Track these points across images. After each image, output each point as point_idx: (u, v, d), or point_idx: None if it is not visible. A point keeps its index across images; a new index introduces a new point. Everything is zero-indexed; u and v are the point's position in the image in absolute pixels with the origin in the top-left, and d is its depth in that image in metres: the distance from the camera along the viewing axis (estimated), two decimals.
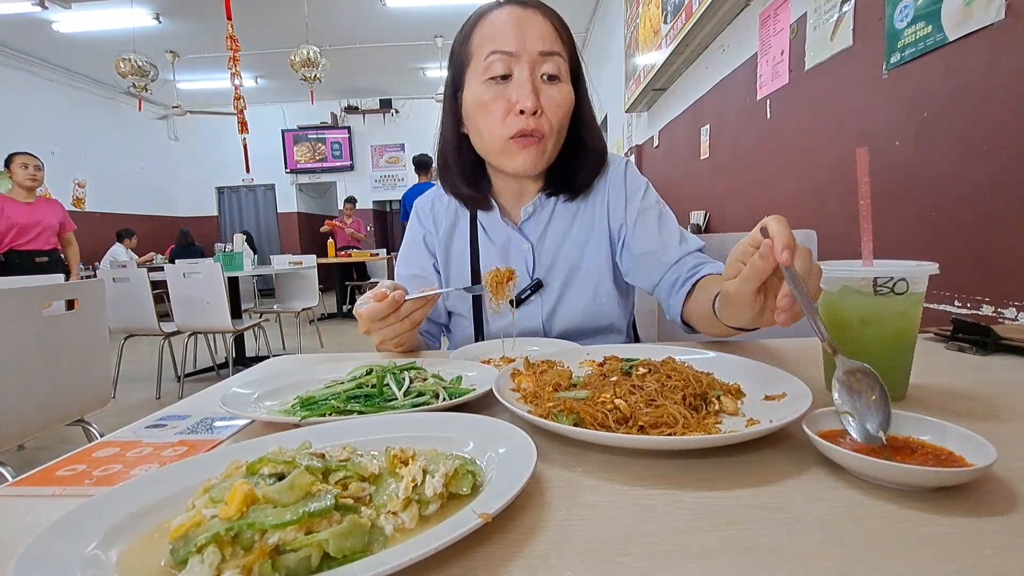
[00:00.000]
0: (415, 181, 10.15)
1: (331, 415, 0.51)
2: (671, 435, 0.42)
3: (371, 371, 0.60)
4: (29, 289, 1.42)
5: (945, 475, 0.34)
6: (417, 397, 0.54)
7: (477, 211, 0.96)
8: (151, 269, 3.67)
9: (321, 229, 7.08)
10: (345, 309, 6.81)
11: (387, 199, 10.02)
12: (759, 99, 2.34)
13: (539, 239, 0.94)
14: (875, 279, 0.50)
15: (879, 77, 1.53)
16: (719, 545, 0.31)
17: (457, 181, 0.92)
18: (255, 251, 6.09)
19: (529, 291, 0.92)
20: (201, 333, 3.69)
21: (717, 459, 0.42)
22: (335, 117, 9.43)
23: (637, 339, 1.07)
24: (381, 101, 9.26)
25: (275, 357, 0.90)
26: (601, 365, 0.59)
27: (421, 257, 0.99)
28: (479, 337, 0.96)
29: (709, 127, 3.04)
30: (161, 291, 3.54)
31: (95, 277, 3.22)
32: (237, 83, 4.17)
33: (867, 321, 0.51)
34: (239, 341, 4.09)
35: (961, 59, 1.25)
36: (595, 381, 0.52)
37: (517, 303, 0.92)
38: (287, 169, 9.47)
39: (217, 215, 9.78)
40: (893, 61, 1.47)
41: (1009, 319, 1.14)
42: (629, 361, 0.57)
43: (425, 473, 0.33)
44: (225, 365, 3.82)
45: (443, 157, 0.93)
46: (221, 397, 0.54)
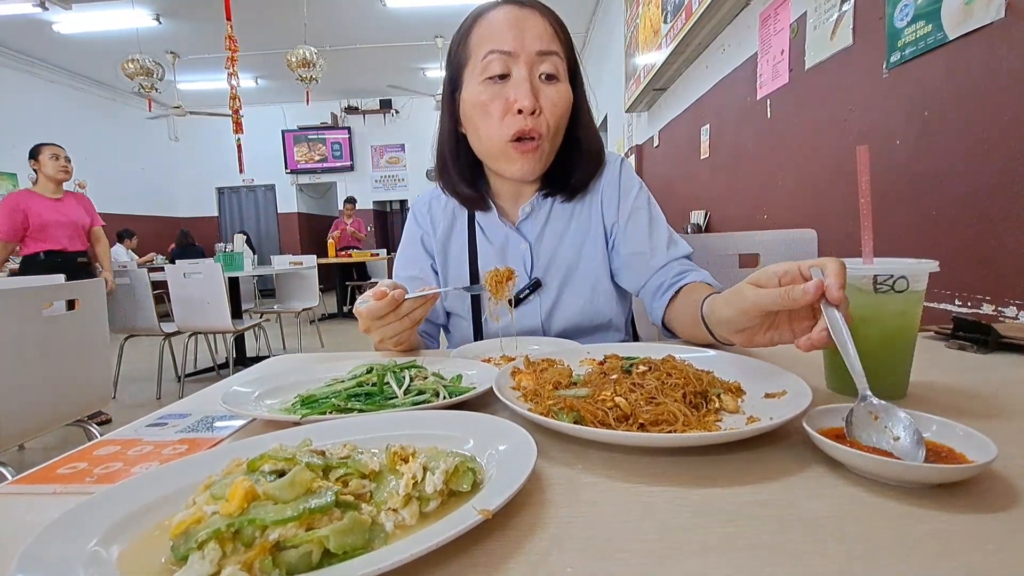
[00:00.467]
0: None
1: (332, 413, 0.51)
2: (671, 432, 0.42)
3: (371, 370, 0.60)
4: (29, 289, 1.43)
5: (946, 472, 0.34)
6: (417, 395, 0.54)
7: (475, 211, 0.96)
8: (151, 269, 3.67)
9: (330, 236, 6.96)
10: (345, 309, 6.80)
11: (387, 199, 10.03)
12: (759, 99, 2.34)
13: (537, 238, 0.94)
14: (875, 277, 0.50)
15: (879, 76, 1.53)
16: (719, 542, 0.31)
17: (456, 181, 0.92)
18: (253, 251, 6.08)
19: (528, 290, 0.92)
20: (201, 333, 3.69)
21: (718, 456, 0.42)
22: (335, 117, 9.43)
23: (636, 338, 1.07)
24: (381, 101, 9.26)
25: (275, 356, 0.89)
26: (601, 363, 0.59)
27: (419, 258, 0.99)
28: (478, 337, 0.96)
29: (709, 127, 3.04)
30: (161, 291, 3.54)
31: (96, 277, 3.19)
32: (234, 83, 4.16)
33: (867, 319, 0.51)
34: (239, 341, 4.10)
35: (961, 58, 1.25)
36: (595, 379, 0.52)
37: (516, 302, 0.92)
38: (287, 169, 9.48)
39: (217, 215, 9.79)
40: (893, 60, 1.47)
41: (1010, 318, 1.14)
42: (629, 359, 0.57)
43: (425, 470, 0.33)
44: (225, 365, 3.83)
45: (441, 157, 0.93)
46: (222, 396, 0.54)
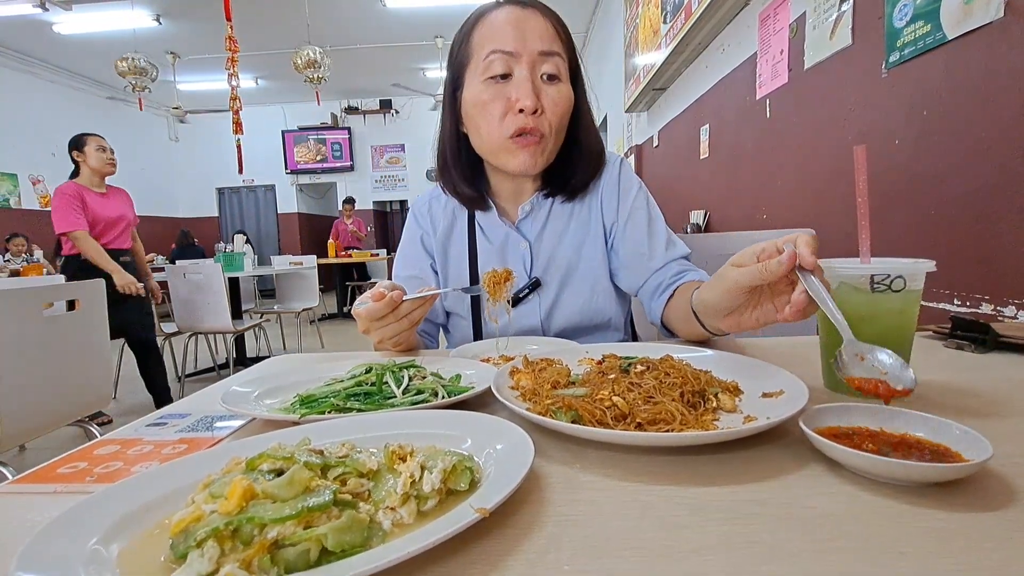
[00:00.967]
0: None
1: (330, 413, 0.51)
2: (669, 432, 0.42)
3: (370, 369, 0.60)
4: (30, 290, 1.43)
5: (941, 470, 0.34)
6: (416, 395, 0.54)
7: (475, 211, 0.96)
8: (152, 270, 3.67)
9: (331, 239, 6.93)
10: (345, 309, 6.80)
11: (387, 199, 10.03)
12: (759, 98, 2.34)
13: (536, 238, 0.94)
14: (872, 276, 0.50)
15: (878, 76, 1.53)
16: (717, 541, 0.31)
17: (456, 180, 0.92)
18: (254, 251, 6.07)
19: (527, 290, 0.93)
20: (201, 333, 3.69)
21: (715, 456, 0.42)
22: (335, 118, 9.44)
23: (636, 338, 1.07)
24: (381, 102, 9.26)
25: (275, 357, 0.90)
26: (599, 363, 0.59)
27: (419, 258, 0.99)
28: (477, 337, 0.96)
29: (709, 127, 3.04)
30: (162, 292, 3.53)
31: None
32: (234, 83, 4.16)
33: (865, 318, 0.51)
34: (239, 341, 4.10)
35: (960, 58, 1.25)
36: (593, 379, 0.52)
37: (515, 302, 0.93)
38: (287, 170, 9.48)
39: (218, 216, 9.79)
40: (892, 60, 1.47)
41: (1009, 317, 1.14)
42: (627, 359, 0.57)
43: (423, 469, 0.33)
44: (226, 365, 3.83)
45: (442, 156, 0.93)
46: (221, 395, 0.54)
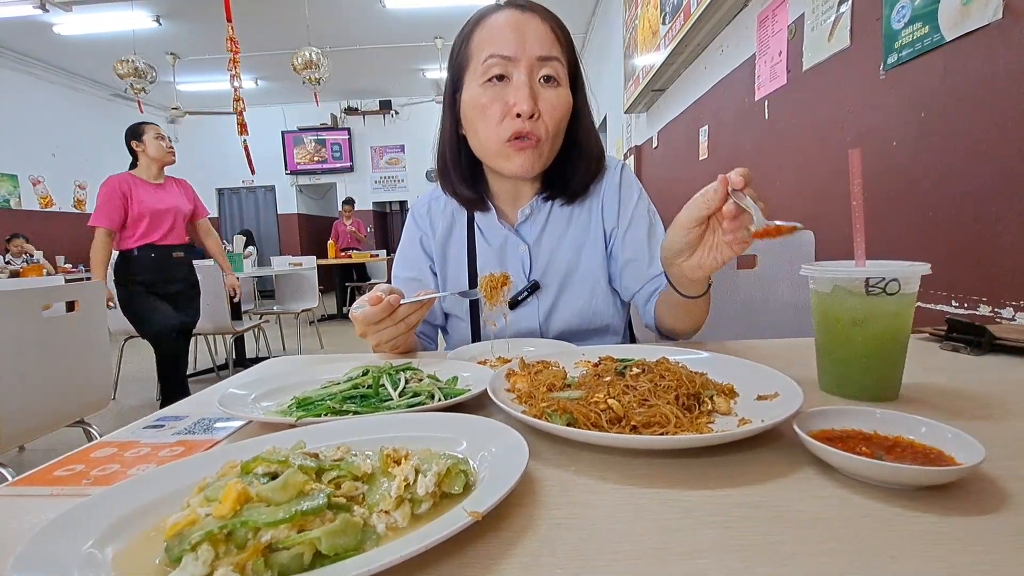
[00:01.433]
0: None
1: (327, 415, 0.51)
2: (663, 435, 0.42)
3: (367, 372, 0.60)
4: (29, 291, 1.43)
5: (933, 474, 0.34)
6: (412, 397, 0.54)
7: (474, 213, 0.96)
8: None
9: (332, 240, 6.95)
10: (345, 310, 6.80)
11: (387, 200, 10.03)
12: (757, 100, 2.35)
13: (536, 241, 0.95)
14: (867, 279, 0.51)
15: (876, 78, 1.54)
16: (710, 544, 0.31)
17: (456, 181, 0.93)
18: (256, 248, 6.06)
19: (526, 293, 0.93)
20: (201, 334, 3.69)
21: (709, 458, 0.42)
22: (335, 118, 9.44)
23: (634, 341, 1.07)
24: (381, 103, 9.26)
25: (273, 358, 0.90)
26: (596, 365, 0.59)
27: (418, 260, 0.99)
28: (476, 338, 0.96)
29: (708, 128, 3.04)
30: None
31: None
32: (237, 85, 4.17)
33: (859, 321, 0.51)
34: (239, 342, 4.10)
35: (958, 59, 1.25)
36: (589, 381, 0.52)
37: (514, 304, 0.93)
38: (287, 170, 9.48)
39: (217, 216, 9.79)
40: (890, 62, 1.47)
41: (1006, 319, 1.14)
42: (624, 361, 0.57)
43: (417, 472, 0.33)
44: (225, 366, 3.83)
45: (442, 158, 0.93)
46: (218, 398, 0.55)
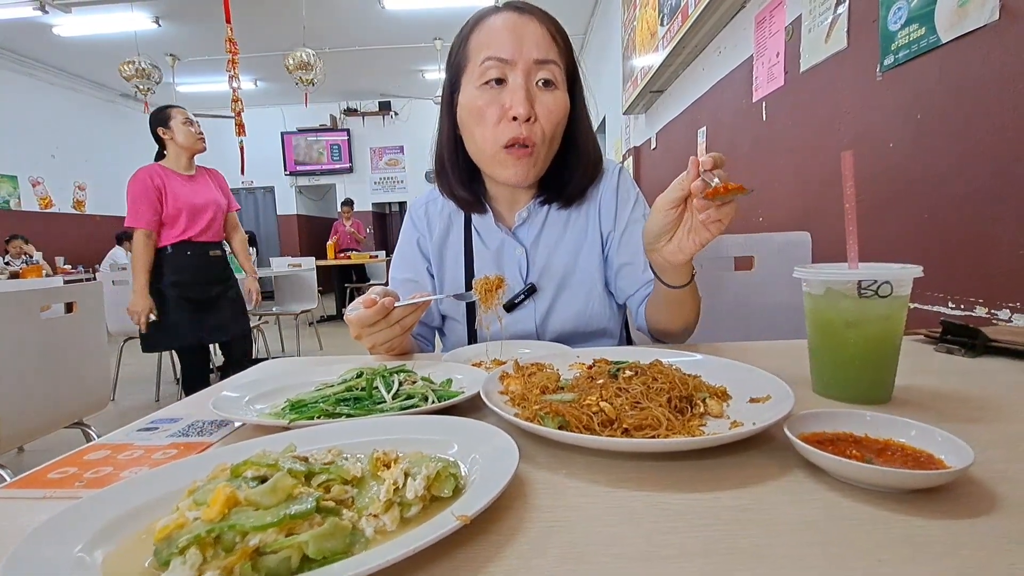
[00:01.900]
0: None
1: (320, 418, 0.51)
2: (655, 438, 0.42)
3: (361, 374, 0.60)
4: (27, 292, 1.43)
5: (920, 477, 0.34)
6: (406, 400, 0.54)
7: (472, 215, 0.96)
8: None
9: (329, 243, 6.96)
10: (344, 312, 6.78)
11: (386, 201, 10.03)
12: (755, 101, 2.35)
13: (533, 244, 0.95)
14: (859, 282, 0.51)
15: (873, 79, 1.54)
16: (699, 547, 0.31)
17: (453, 183, 0.92)
18: (256, 249, 6.05)
19: (523, 295, 0.93)
20: None
21: (701, 461, 0.42)
22: (334, 119, 9.44)
23: (630, 342, 1.07)
24: (380, 104, 9.27)
25: (268, 361, 0.90)
26: (590, 368, 0.59)
27: (415, 260, 0.99)
28: (472, 340, 0.96)
29: (706, 129, 3.04)
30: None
31: (94, 280, 3.15)
32: (235, 86, 4.16)
33: (852, 324, 0.52)
34: None
35: (955, 61, 1.25)
36: (582, 384, 0.52)
37: (511, 307, 0.93)
38: (286, 171, 9.48)
39: None
40: (887, 63, 1.47)
41: (1003, 320, 1.14)
42: (617, 364, 0.57)
43: (407, 476, 0.33)
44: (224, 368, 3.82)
45: (440, 159, 0.93)
46: (212, 400, 0.55)
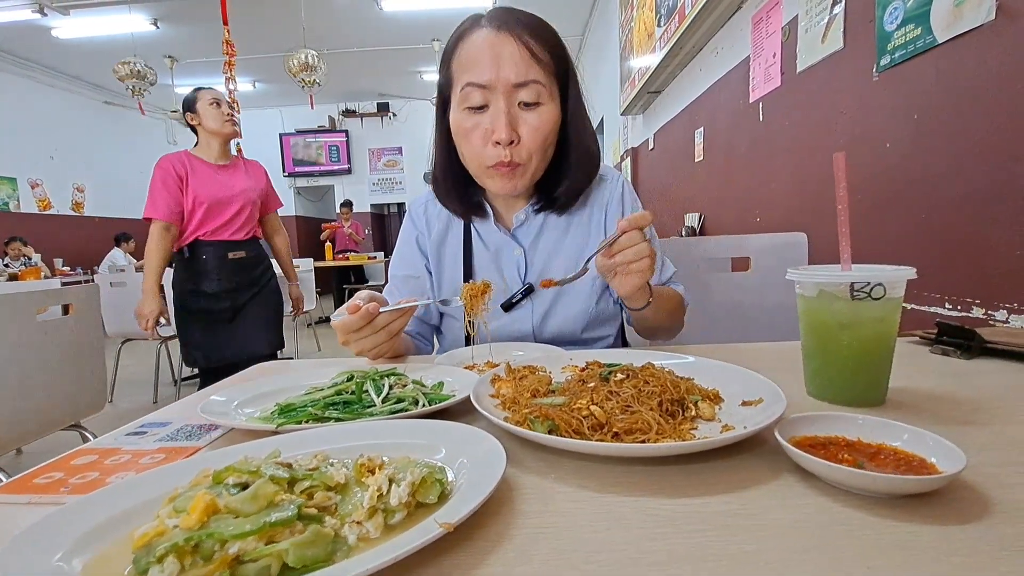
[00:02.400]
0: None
1: (308, 422, 0.51)
2: (644, 442, 0.42)
3: (351, 377, 0.60)
4: (24, 294, 1.43)
5: (911, 483, 0.34)
6: (396, 403, 0.54)
7: (471, 216, 0.96)
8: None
9: (321, 237, 6.99)
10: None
11: (385, 202, 10.03)
12: (752, 102, 2.35)
13: (531, 245, 0.95)
14: (852, 284, 0.50)
15: (869, 79, 1.54)
16: (686, 552, 0.31)
17: (449, 191, 0.93)
18: None
19: (520, 295, 0.93)
20: None
21: (691, 465, 0.42)
22: (333, 120, 9.44)
23: (626, 344, 1.07)
24: (378, 105, 9.26)
25: (261, 363, 0.90)
26: (582, 370, 0.59)
27: (414, 257, 0.99)
28: (469, 340, 0.96)
29: (703, 130, 3.04)
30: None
31: (92, 282, 3.15)
32: (232, 87, 4.16)
33: (845, 326, 0.51)
34: None
35: (951, 61, 1.25)
36: (573, 387, 0.52)
37: (508, 307, 0.92)
38: (285, 172, 9.47)
39: None
40: (883, 63, 1.47)
41: (1000, 321, 1.14)
42: (610, 366, 0.57)
43: (391, 482, 0.33)
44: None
45: (436, 168, 0.93)
46: (200, 405, 0.54)
